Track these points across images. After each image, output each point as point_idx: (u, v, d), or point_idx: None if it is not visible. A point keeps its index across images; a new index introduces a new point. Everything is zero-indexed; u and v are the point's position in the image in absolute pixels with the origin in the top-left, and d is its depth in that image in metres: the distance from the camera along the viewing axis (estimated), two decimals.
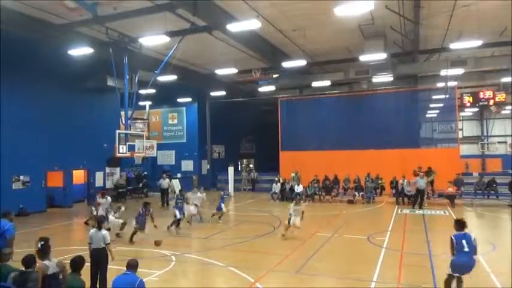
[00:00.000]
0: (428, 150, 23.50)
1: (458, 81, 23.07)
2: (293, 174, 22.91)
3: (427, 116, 25.82)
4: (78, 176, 21.62)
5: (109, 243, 7.15)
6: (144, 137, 18.67)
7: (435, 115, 26.65)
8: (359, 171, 21.59)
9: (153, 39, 14.55)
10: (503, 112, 38.09)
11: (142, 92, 20.21)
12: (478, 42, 15.40)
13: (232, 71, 20.69)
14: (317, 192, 21.51)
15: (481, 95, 24.20)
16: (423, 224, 14.34)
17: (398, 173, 20.37)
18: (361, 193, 20.48)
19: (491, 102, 24.61)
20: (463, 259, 6.44)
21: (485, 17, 14.93)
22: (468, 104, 25.17)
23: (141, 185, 25.21)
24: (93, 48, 15.47)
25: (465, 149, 33.99)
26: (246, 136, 35.16)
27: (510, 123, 40.63)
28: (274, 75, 22.88)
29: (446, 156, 22.62)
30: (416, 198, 18.42)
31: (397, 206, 18.84)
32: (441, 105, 24.95)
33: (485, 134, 41.84)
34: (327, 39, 18.07)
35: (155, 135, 28.53)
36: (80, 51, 15.36)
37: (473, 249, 6.44)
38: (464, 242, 6.48)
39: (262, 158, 34.09)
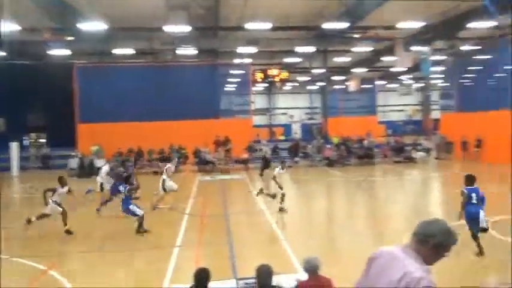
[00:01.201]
0: (227, 121, 25.57)
1: (252, 58, 25.75)
2: (94, 148, 21.29)
3: (226, 89, 27.88)
4: None
5: None
6: None
7: (233, 89, 29.12)
8: (164, 142, 21.81)
9: None
10: (285, 88, 44.98)
11: None
12: (269, 25, 17.48)
13: (13, 27, 17.20)
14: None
15: (269, 72, 27.82)
16: (222, 188, 15.80)
17: (200, 143, 21.61)
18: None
19: (277, 79, 28.64)
20: (472, 209, 7.40)
21: (275, 3, 16.95)
22: (259, 80, 28.55)
23: None
24: None
25: (257, 119, 38.57)
26: (34, 106, 30.21)
27: (290, 97, 48.40)
28: (69, 38, 20.24)
29: (241, 126, 25.20)
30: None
31: (199, 174, 20.08)
32: (238, 79, 27.36)
33: (272, 106, 48.53)
34: (130, 3, 17.08)
35: None
36: None
37: (480, 201, 7.47)
38: (473, 194, 7.51)
39: (56, 131, 30.07)
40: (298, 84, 43.24)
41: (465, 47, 23.77)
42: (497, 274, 6.56)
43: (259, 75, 27.83)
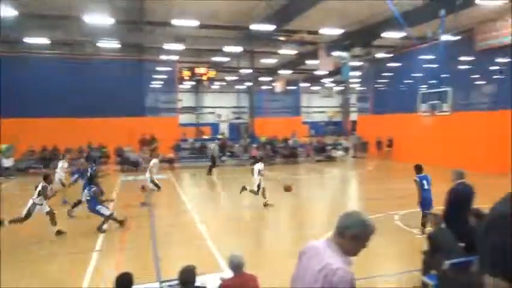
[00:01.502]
0: (153, 119, 24.80)
1: (178, 55, 25.23)
2: (3, 146, 19.27)
3: (152, 86, 26.99)
4: None
5: None
6: None
7: (159, 86, 28.26)
8: (83, 140, 20.47)
9: None
10: (213, 87, 44.83)
11: None
12: (196, 22, 17.26)
13: None
14: (33, 166, 19.02)
15: (197, 70, 27.50)
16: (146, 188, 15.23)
17: (124, 142, 20.66)
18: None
19: (205, 77, 28.42)
20: (425, 195, 8.35)
21: (201, 1, 16.77)
22: (187, 78, 28.09)
23: None
24: None
25: (183, 118, 37.92)
26: None
27: (218, 96, 48.36)
28: None
29: (167, 124, 24.59)
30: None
31: (122, 174, 19.19)
32: (164, 76, 26.64)
33: (199, 105, 48.07)
34: None
35: None
36: None
37: (430, 187, 8.42)
38: (425, 181, 8.46)
39: None
40: (226, 84, 43.37)
41: (379, 55, 25.81)
42: (404, 261, 7.24)
43: (186, 73, 27.39)
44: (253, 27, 17.97)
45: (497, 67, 18.50)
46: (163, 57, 24.79)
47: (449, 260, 4.84)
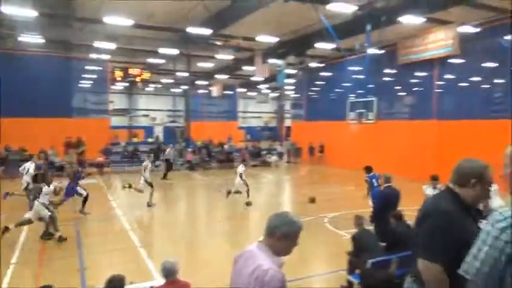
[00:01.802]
0: (81, 120, 23.37)
1: (110, 54, 24.09)
2: None
3: (80, 85, 25.48)
4: None
5: None
6: None
7: (89, 86, 26.74)
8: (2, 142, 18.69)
9: None
10: (147, 89, 43.52)
11: None
12: (130, 21, 16.64)
13: None
14: None
15: (130, 71, 26.50)
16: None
17: (47, 144, 19.21)
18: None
19: (139, 79, 27.47)
20: (375, 192, 9.11)
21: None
22: (119, 79, 26.93)
23: None
24: None
25: (116, 120, 36.30)
26: None
27: (153, 99, 47.02)
28: None
29: (97, 126, 23.34)
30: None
31: None
32: (94, 76, 25.29)
33: (133, 107, 46.31)
34: None
35: None
36: None
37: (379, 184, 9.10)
38: (374, 180, 9.46)
39: None
40: (161, 86, 42.30)
41: (312, 64, 26.93)
42: (332, 262, 7.59)
43: (118, 74, 26.24)
44: (190, 30, 17.78)
45: (417, 80, 20.23)
46: (93, 55, 23.50)
47: (372, 259, 5.18)
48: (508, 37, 15.41)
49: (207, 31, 18.02)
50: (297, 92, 31.60)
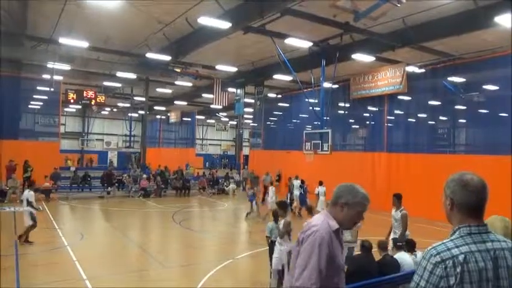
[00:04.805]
0: (27, 143, 22.13)
1: (64, 76, 23.28)
2: None
3: (30, 106, 24.29)
4: None
5: None
6: None
7: (38, 107, 25.55)
8: None
9: None
10: (102, 112, 42.30)
11: None
12: (86, 44, 16.32)
13: None
14: None
15: (85, 93, 25.69)
16: (13, 222, 13.35)
17: None
18: None
19: (93, 102, 26.65)
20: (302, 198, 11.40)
21: (93, 23, 15.96)
22: (72, 101, 25.97)
23: None
24: None
25: (66, 143, 34.77)
26: None
27: (108, 123, 45.69)
28: None
29: (46, 150, 22.20)
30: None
31: None
32: (45, 97, 24.24)
33: (86, 131, 44.68)
34: None
35: None
36: None
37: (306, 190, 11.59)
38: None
39: None
40: (117, 110, 41.32)
41: (271, 94, 27.57)
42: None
43: (71, 96, 25.34)
44: (149, 55, 17.69)
45: (369, 114, 21.25)
46: (46, 76, 22.56)
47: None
48: (451, 78, 16.76)
49: (166, 58, 18.03)
50: (256, 121, 32.04)
